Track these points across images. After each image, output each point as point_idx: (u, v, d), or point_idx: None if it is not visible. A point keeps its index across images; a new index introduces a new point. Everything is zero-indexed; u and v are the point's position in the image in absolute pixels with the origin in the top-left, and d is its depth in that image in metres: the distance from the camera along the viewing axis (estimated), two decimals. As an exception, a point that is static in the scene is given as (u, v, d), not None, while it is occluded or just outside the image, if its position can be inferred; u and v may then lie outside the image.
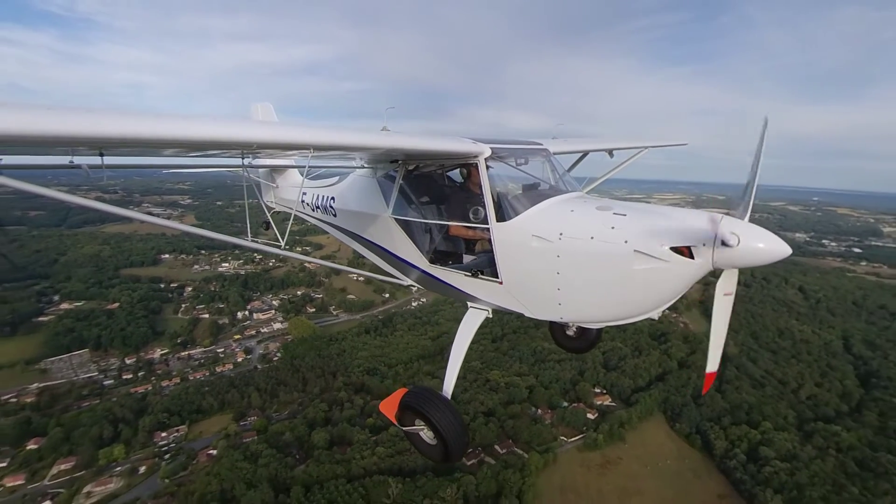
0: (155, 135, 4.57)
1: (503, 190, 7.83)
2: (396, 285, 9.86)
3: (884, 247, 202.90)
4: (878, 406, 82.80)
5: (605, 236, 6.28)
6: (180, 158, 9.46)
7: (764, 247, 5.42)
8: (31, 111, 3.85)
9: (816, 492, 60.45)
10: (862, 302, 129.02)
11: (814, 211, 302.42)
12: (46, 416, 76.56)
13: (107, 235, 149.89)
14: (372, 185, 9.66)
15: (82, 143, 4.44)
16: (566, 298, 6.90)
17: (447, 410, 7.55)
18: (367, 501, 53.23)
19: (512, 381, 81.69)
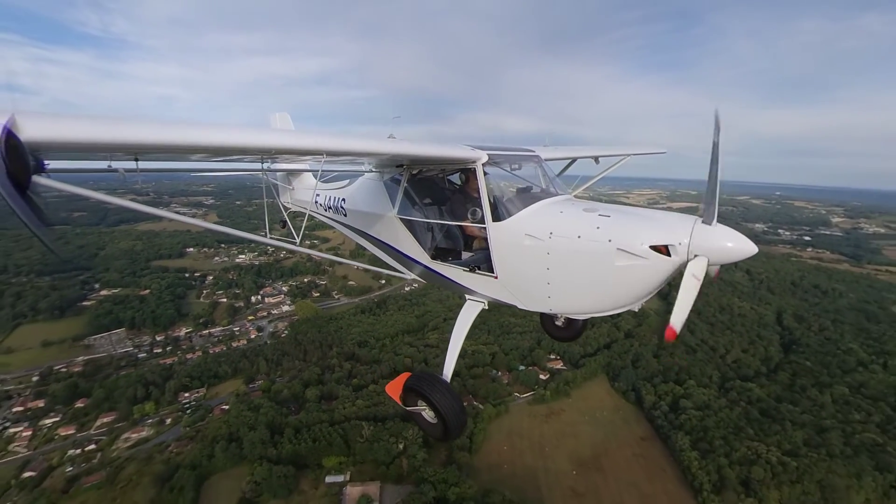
0: (184, 141, 4.59)
1: (499, 193, 7.84)
2: (400, 279, 9.86)
3: (830, 235, 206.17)
4: (793, 368, 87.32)
5: (591, 235, 6.31)
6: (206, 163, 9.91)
7: (733, 246, 5.53)
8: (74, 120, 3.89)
9: (719, 433, 66.09)
10: (799, 282, 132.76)
11: (774, 204, 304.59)
12: (91, 382, 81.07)
13: (139, 232, 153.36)
14: (379, 187, 9.58)
15: (120, 148, 4.41)
16: (555, 292, 6.90)
17: (447, 392, 7.63)
18: (344, 440, 60.04)
19: (478, 349, 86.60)
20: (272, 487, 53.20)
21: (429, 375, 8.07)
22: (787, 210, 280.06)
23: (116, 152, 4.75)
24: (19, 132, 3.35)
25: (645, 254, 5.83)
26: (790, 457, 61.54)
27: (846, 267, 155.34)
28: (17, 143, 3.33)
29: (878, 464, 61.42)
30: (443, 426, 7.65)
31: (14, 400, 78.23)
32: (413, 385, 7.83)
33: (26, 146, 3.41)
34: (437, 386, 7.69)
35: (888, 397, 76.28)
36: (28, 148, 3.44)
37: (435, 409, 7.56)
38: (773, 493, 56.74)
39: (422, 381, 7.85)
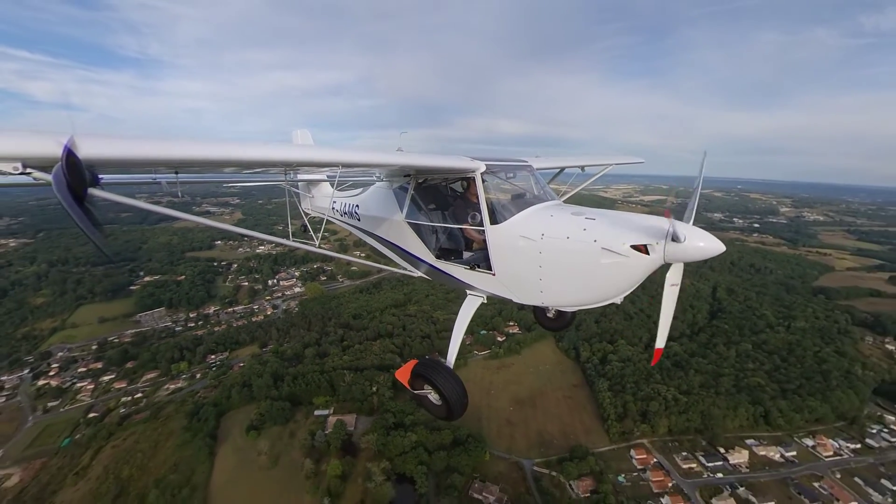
0: (219, 157, 4.67)
1: (496, 199, 7.75)
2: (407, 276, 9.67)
3: (776, 223, 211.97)
4: (712, 330, 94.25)
5: (579, 237, 6.29)
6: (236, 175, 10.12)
7: (704, 245, 5.60)
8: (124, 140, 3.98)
9: (632, 379, 74.10)
10: (738, 262, 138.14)
11: (733, 196, 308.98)
12: (138, 348, 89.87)
13: (175, 229, 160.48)
14: (389, 194, 9.47)
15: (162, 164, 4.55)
16: (547, 287, 6.83)
17: (450, 377, 7.73)
18: (330, 384, 69.69)
19: (449, 318, 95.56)
20: (273, 417, 63.13)
21: (434, 362, 8.08)
22: (743, 201, 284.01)
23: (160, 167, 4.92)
24: (77, 151, 3.48)
25: (626, 252, 5.86)
26: (684, 395, 69.82)
27: (783, 249, 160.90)
28: (76, 161, 3.46)
29: (754, 399, 69.61)
30: (446, 407, 7.71)
31: (79, 363, 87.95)
32: (420, 371, 7.87)
33: (83, 163, 3.54)
34: (441, 371, 7.74)
35: (781, 351, 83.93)
36: (85, 164, 3.56)
37: (439, 393, 7.61)
38: (663, 420, 65.34)
39: (427, 368, 7.88)
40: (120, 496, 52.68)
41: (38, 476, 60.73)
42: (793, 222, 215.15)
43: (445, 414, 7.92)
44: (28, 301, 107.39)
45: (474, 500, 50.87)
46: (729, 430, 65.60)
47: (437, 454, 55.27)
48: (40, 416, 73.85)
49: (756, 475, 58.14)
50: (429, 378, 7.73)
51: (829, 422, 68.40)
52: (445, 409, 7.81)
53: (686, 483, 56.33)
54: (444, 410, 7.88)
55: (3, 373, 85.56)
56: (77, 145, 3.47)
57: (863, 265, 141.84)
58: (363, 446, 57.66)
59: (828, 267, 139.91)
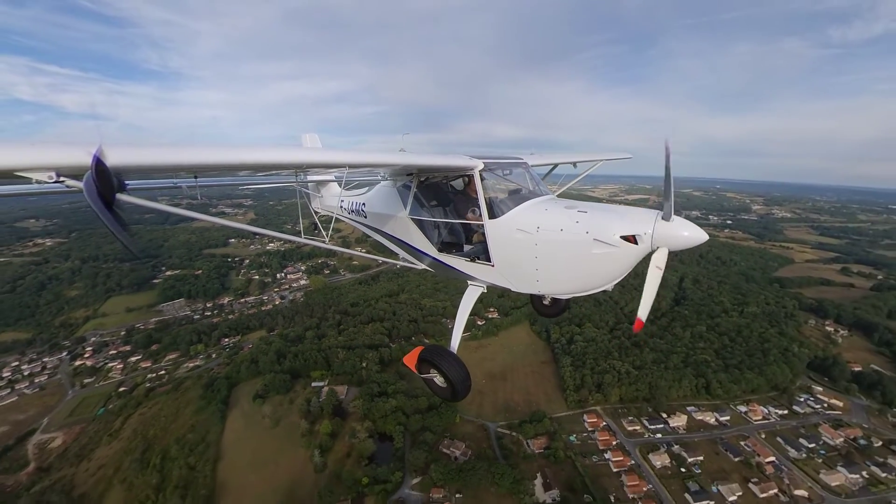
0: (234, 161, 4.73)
1: (493, 194, 7.76)
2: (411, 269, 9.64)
3: (747, 220, 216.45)
4: (673, 315, 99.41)
5: (572, 229, 6.34)
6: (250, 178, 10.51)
7: (688, 234, 5.68)
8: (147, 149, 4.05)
9: (592, 356, 79.64)
10: (706, 255, 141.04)
11: (711, 195, 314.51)
12: (161, 333, 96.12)
13: (193, 228, 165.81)
14: (393, 192, 9.50)
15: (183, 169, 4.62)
16: (543, 276, 6.88)
17: (454, 361, 7.75)
18: (326, 360, 76.12)
19: (435, 304, 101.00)
20: (276, 387, 69.63)
21: (439, 348, 8.09)
22: (719, 200, 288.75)
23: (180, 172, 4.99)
24: (105, 160, 3.51)
25: (616, 243, 5.92)
26: (636, 369, 75.36)
27: (750, 244, 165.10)
28: (105, 169, 3.50)
29: (698, 373, 74.97)
30: (451, 389, 7.80)
31: (110, 346, 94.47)
32: (426, 356, 7.90)
33: (111, 170, 3.57)
34: (445, 356, 7.79)
35: (731, 333, 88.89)
36: (112, 172, 3.59)
37: (444, 376, 7.70)
38: (615, 390, 70.97)
39: (433, 353, 7.92)
40: (146, 451, 59.37)
41: (78, 438, 67.62)
42: (762, 219, 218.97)
43: (450, 395, 8.00)
44: (64, 293, 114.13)
45: (443, 453, 56.98)
46: (673, 399, 71.19)
47: (414, 417, 61.51)
48: (78, 391, 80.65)
49: (691, 436, 63.83)
50: (434, 363, 7.80)
51: (763, 392, 73.75)
52: (450, 391, 7.90)
53: (629, 442, 62.07)
54: (449, 392, 7.97)
55: (45, 355, 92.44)
56: (105, 154, 3.54)
57: (821, 258, 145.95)
58: (351, 410, 64.10)
59: (788, 259, 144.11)
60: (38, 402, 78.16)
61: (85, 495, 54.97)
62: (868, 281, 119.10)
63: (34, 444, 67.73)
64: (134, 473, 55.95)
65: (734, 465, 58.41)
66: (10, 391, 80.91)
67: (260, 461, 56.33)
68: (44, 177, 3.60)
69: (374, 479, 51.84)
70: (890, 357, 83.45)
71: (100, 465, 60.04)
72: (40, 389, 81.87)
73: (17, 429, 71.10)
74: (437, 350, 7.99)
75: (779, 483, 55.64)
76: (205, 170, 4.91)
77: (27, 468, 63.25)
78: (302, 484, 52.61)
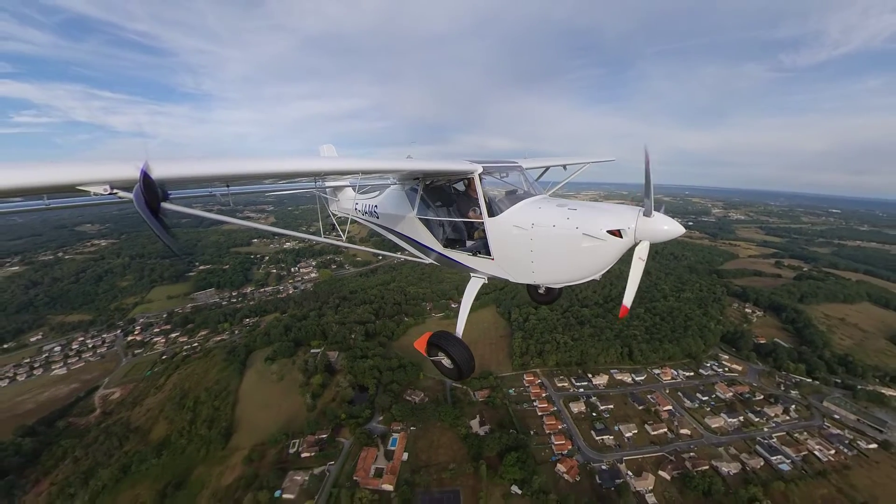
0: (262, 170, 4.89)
1: (492, 195, 7.93)
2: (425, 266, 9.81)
3: (706, 221, 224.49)
4: (620, 300, 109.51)
5: (563, 225, 6.50)
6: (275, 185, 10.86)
7: (668, 228, 5.90)
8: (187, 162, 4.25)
9: (540, 330, 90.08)
10: (661, 251, 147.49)
11: (678, 200, 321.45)
12: (195, 315, 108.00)
13: (223, 230, 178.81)
14: (402, 195, 9.66)
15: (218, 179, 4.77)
16: (538, 268, 7.02)
17: (459, 345, 7.98)
18: (323, 332, 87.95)
19: (418, 291, 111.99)
20: (282, 353, 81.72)
21: (446, 333, 8.20)
22: (685, 204, 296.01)
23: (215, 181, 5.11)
24: (151, 173, 3.65)
25: (603, 237, 6.09)
26: (573, 340, 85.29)
27: (704, 242, 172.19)
28: (150, 181, 3.64)
29: (624, 343, 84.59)
30: (457, 370, 8.01)
31: (154, 325, 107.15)
32: (434, 341, 8.14)
33: (156, 182, 3.71)
34: (451, 340, 7.99)
35: (663, 313, 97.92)
36: (157, 183, 3.73)
37: (451, 358, 7.90)
38: (553, 356, 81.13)
39: (440, 338, 8.12)
40: (183, 398, 71.88)
41: (132, 392, 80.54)
42: (719, 221, 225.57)
43: (457, 375, 8.17)
44: (117, 284, 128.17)
45: (405, 399, 68.16)
46: (601, 364, 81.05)
47: (386, 373, 72.94)
48: (130, 359, 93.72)
49: (607, 390, 73.77)
50: (441, 346, 8.01)
51: (678, 359, 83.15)
52: (457, 372, 8.09)
53: (556, 395, 72.36)
54: (455, 373, 8.14)
55: (104, 332, 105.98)
56: (151, 168, 3.65)
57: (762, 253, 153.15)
58: (338, 368, 75.83)
59: (734, 255, 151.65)
60: (100, 367, 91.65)
61: (139, 428, 67.67)
62: (793, 272, 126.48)
63: (99, 396, 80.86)
64: (174, 413, 68.48)
65: (637, 412, 68.31)
66: (78, 359, 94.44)
67: (267, 404, 68.44)
68: (99, 190, 3.77)
69: (350, 416, 63.47)
70: (793, 332, 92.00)
71: (148, 408, 72.81)
72: (101, 358, 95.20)
73: (85, 385, 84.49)
74: (444, 335, 8.20)
75: (669, 425, 65.45)
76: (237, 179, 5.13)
77: (94, 412, 76.37)
78: (297, 419, 64.52)
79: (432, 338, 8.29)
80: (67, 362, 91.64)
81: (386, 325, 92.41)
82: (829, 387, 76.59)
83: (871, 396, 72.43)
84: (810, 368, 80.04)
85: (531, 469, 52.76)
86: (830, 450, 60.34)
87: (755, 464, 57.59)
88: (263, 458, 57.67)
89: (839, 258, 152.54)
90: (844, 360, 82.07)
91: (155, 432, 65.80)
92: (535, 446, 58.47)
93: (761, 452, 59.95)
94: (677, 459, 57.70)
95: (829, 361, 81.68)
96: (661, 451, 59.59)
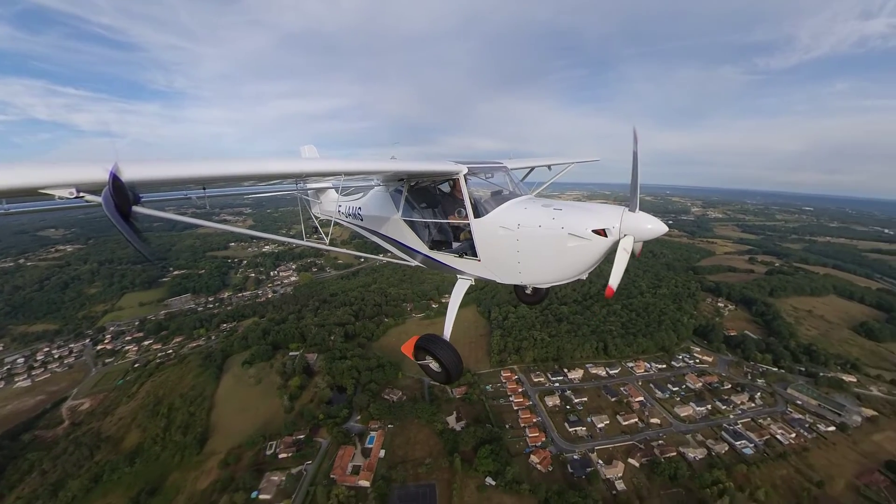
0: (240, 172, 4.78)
1: (478, 196, 8.02)
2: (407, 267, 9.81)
3: (685, 220, 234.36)
4: (598, 297, 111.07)
5: (549, 225, 6.64)
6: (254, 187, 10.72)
7: (651, 227, 6.05)
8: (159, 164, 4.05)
9: (518, 328, 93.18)
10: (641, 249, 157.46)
11: (659, 199, 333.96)
12: (169, 322, 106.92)
13: (198, 234, 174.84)
14: (386, 196, 9.71)
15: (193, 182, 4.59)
16: (524, 268, 7.13)
17: (447, 348, 8.08)
18: (301, 335, 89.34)
19: (399, 292, 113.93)
20: (260, 356, 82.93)
21: (433, 336, 8.33)
22: (664, 204, 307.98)
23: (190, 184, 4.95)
24: (121, 175, 3.53)
25: (588, 236, 6.23)
26: (550, 337, 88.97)
27: (683, 240, 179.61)
28: (121, 184, 3.53)
29: (600, 338, 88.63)
30: (446, 373, 8.09)
31: (125, 333, 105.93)
32: (421, 344, 8.21)
33: (127, 185, 3.59)
34: (439, 344, 8.11)
35: (639, 309, 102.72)
36: (128, 186, 3.61)
37: (439, 362, 8.00)
38: (530, 352, 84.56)
39: (427, 342, 8.23)
40: (157, 405, 72.37)
41: (102, 402, 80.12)
42: (698, 219, 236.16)
43: (445, 378, 8.26)
44: (84, 291, 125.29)
45: (384, 398, 70.39)
46: (577, 359, 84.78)
47: (365, 373, 75.04)
48: (101, 368, 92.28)
49: (582, 384, 77.51)
50: (429, 350, 8.09)
51: (651, 352, 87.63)
52: (445, 375, 8.17)
53: (532, 389, 75.69)
54: (443, 376, 8.23)
55: (71, 342, 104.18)
56: (121, 171, 3.54)
57: (738, 250, 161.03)
58: (316, 370, 77.52)
59: (710, 252, 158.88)
60: (67, 378, 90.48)
61: (110, 437, 67.87)
62: (765, 267, 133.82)
63: (67, 407, 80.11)
64: (147, 420, 68.97)
65: (610, 403, 72.17)
66: (44, 370, 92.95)
67: (244, 408, 69.60)
68: (65, 193, 3.60)
69: (328, 416, 65.31)
70: (762, 324, 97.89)
71: (120, 417, 72.92)
72: (69, 368, 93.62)
73: (52, 397, 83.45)
74: (432, 338, 8.30)
75: (640, 415, 69.45)
76: (214, 181, 4.92)
77: (62, 424, 75.83)
78: (274, 421, 65.95)
79: (420, 341, 8.38)
80: (32, 374, 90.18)
81: (366, 326, 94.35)
82: (794, 375, 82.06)
83: (832, 383, 78.00)
84: (776, 358, 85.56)
85: (505, 461, 55.65)
86: (791, 433, 65.12)
87: (720, 449, 61.84)
88: (240, 461, 59.01)
89: (810, 253, 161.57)
90: (809, 349, 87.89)
91: (128, 441, 66.22)
92: (509, 439, 61.50)
93: (726, 438, 64.32)
94: (646, 447, 61.50)
95: (795, 351, 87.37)
96: (631, 439, 63.36)
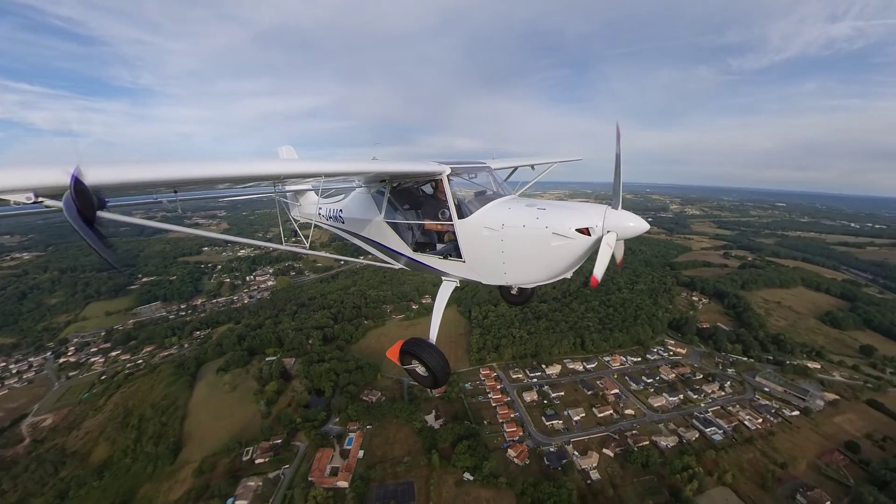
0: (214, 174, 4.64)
1: (461, 196, 8.08)
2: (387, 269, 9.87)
3: (664, 217, 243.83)
4: (577, 294, 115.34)
5: (533, 224, 6.75)
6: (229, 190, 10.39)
7: (633, 224, 6.22)
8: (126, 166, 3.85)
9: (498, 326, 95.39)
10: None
11: (639, 197, 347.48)
12: (139, 331, 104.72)
13: (168, 238, 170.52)
14: (368, 198, 9.69)
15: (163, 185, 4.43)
16: (509, 269, 7.24)
17: (433, 352, 8.19)
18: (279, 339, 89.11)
19: (378, 294, 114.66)
20: (236, 362, 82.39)
21: (419, 340, 8.44)
22: (645, 201, 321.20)
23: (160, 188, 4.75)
24: (84, 178, 3.39)
25: (572, 235, 6.39)
26: (528, 334, 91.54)
27: (661, 236, 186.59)
28: (83, 188, 3.38)
29: (577, 334, 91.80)
30: (432, 377, 8.19)
31: (91, 345, 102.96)
32: (407, 349, 8.33)
33: (91, 189, 3.46)
34: (425, 347, 8.25)
35: (616, 304, 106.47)
36: (92, 190, 3.49)
37: (425, 366, 8.13)
38: (509, 350, 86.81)
39: (413, 345, 8.35)
40: (126, 416, 71.24)
41: (66, 417, 78.02)
42: (676, 216, 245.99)
43: (432, 382, 8.36)
44: (44, 301, 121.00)
45: (363, 399, 71.33)
46: (555, 355, 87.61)
47: (343, 375, 75.74)
48: (64, 382, 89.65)
49: (560, 379, 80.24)
50: (415, 354, 8.24)
51: (627, 346, 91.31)
52: (432, 380, 8.29)
53: (511, 386, 77.95)
54: (430, 380, 8.35)
55: (31, 356, 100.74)
56: (83, 174, 3.41)
57: (714, 246, 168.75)
58: (294, 374, 77.77)
59: (687, 248, 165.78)
60: (27, 393, 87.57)
61: (76, 452, 66.47)
62: (739, 262, 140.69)
63: (27, 424, 77.68)
64: (116, 433, 67.89)
65: (586, 396, 75.10)
66: (1, 386, 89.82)
67: (219, 415, 69.30)
68: (21, 198, 3.42)
69: (306, 419, 65.85)
70: (733, 316, 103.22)
71: (87, 431, 71.38)
72: (28, 383, 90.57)
73: (11, 414, 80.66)
74: (418, 342, 8.42)
75: (615, 407, 72.58)
76: (186, 184, 4.76)
77: (23, 442, 73.58)
78: (251, 427, 66.01)
79: (405, 346, 8.49)
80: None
81: (345, 328, 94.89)
82: (762, 363, 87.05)
83: (798, 370, 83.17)
84: (746, 348, 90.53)
85: (482, 456, 57.50)
86: (758, 419, 69.32)
87: (691, 436, 65.38)
88: (215, 469, 58.93)
89: (781, 247, 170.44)
90: (777, 338, 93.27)
91: (95, 454, 65.06)
92: (487, 435, 63.45)
93: (697, 425, 67.99)
94: (620, 438, 64.48)
95: (763, 341, 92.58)
96: (606, 431, 66.29)
